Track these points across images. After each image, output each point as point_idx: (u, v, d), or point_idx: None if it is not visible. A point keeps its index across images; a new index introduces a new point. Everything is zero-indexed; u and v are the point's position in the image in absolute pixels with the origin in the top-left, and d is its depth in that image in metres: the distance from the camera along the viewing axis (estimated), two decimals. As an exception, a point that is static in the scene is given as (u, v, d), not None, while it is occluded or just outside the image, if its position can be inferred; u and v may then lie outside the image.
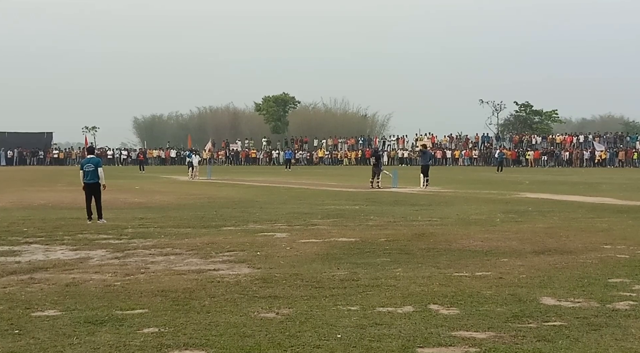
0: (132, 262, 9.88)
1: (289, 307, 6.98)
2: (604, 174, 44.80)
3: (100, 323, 6.37)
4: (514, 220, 15.14)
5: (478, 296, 7.41)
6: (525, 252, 10.51)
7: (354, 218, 15.81)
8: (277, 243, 11.68)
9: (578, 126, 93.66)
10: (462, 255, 10.30)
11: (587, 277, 8.48)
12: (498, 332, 6.03)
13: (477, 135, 72.56)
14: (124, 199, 21.96)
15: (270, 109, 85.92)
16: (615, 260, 9.75)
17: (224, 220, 15.46)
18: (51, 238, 12.50)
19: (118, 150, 78.79)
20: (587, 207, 18.67)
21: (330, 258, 10.04)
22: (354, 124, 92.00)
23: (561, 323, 6.29)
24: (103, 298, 7.40)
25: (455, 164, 66.74)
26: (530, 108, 79.74)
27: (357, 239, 12.04)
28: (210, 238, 12.33)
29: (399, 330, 6.08)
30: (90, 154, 16.74)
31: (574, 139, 66.53)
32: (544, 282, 8.19)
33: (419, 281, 8.24)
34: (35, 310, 6.93)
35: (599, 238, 12.08)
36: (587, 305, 7.03)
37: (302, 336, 5.92)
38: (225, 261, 9.89)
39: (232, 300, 7.28)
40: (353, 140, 76.97)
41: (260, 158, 74.90)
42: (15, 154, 73.51)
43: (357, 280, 8.30)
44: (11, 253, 10.89)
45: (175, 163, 70.70)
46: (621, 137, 66.17)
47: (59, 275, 8.86)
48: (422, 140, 70.95)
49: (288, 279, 8.41)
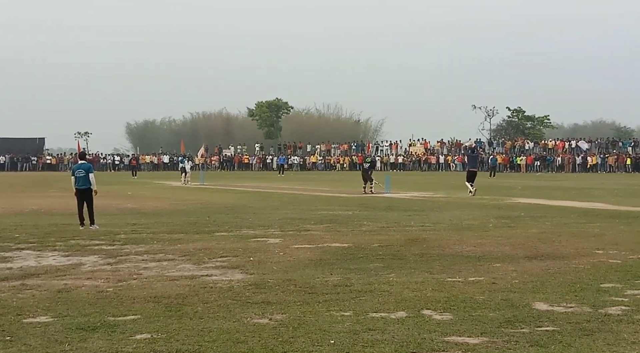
0: (124, 268, 9.84)
1: (282, 312, 6.97)
2: (596, 179, 44.98)
3: (93, 329, 6.35)
4: (506, 226, 15.17)
5: (471, 301, 7.42)
6: (517, 257, 10.52)
7: (347, 223, 15.80)
8: (270, 249, 11.67)
9: (570, 131, 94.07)
10: (455, 260, 10.31)
11: (579, 282, 8.50)
12: (491, 337, 6.04)
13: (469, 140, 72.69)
14: (117, 205, 21.91)
15: (263, 114, 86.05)
16: (607, 265, 9.77)
17: (216, 226, 15.43)
18: (43, 244, 12.44)
19: (111, 156, 78.63)
20: (579, 212, 18.73)
21: (323, 263, 10.04)
22: (347, 130, 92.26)
23: (554, 329, 6.30)
24: (95, 305, 7.37)
25: (448, 169, 66.84)
26: (522, 113, 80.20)
27: (350, 245, 12.03)
28: (203, 244, 12.31)
29: (392, 336, 6.07)
30: (81, 159, 16.70)
31: (566, 145, 66.79)
32: (536, 287, 8.20)
33: (412, 286, 8.24)
34: (27, 316, 6.90)
35: (591, 243, 12.11)
36: (580, 310, 7.04)
37: (295, 342, 5.92)
38: (218, 267, 9.86)
39: (225, 306, 7.27)
40: (346, 146, 77.08)
41: (254, 163, 74.88)
42: (7, 159, 73.24)
43: (350, 286, 8.29)
44: (3, 259, 10.83)
45: (168, 168, 70.59)
46: (613, 142, 66.46)
47: (50, 281, 8.82)
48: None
49: (281, 285, 8.39)
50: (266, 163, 73.83)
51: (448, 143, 73.17)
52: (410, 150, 74.10)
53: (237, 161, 75.33)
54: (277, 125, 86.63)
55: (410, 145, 75.17)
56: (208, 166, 70.96)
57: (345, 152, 75.71)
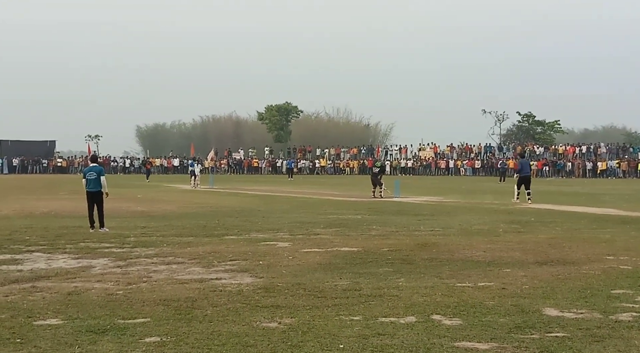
0: (134, 271, 9.87)
1: (291, 316, 6.97)
2: (607, 184, 44.78)
3: (102, 332, 6.37)
4: (516, 231, 15.12)
5: (481, 306, 7.40)
6: (528, 263, 10.49)
7: (356, 227, 15.79)
8: (280, 252, 11.67)
9: (580, 137, 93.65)
10: (465, 265, 10.28)
11: (589, 288, 8.47)
12: (501, 343, 6.02)
13: (479, 145, 72.62)
14: (127, 208, 21.98)
15: (273, 118, 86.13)
16: (618, 271, 9.72)
17: (226, 229, 15.46)
18: (53, 247, 12.50)
19: (121, 158, 78.88)
20: (590, 217, 18.64)
21: (332, 267, 10.03)
22: (356, 134, 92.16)
23: (564, 335, 6.28)
24: (105, 307, 7.40)
25: (458, 174, 66.70)
26: (532, 118, 79.92)
27: (359, 249, 12.02)
28: (213, 247, 12.33)
29: (401, 341, 6.06)
30: (93, 162, 16.83)
31: (576, 150, 66.54)
32: (546, 292, 8.17)
33: (422, 291, 8.23)
34: (37, 318, 6.93)
35: (601, 249, 12.06)
36: (590, 316, 7.01)
37: (304, 346, 5.91)
38: (228, 270, 9.88)
39: (234, 310, 7.27)
40: (355, 150, 77.07)
41: (263, 167, 74.96)
42: (18, 162, 73.57)
43: (360, 290, 8.29)
44: (13, 261, 10.89)
45: (178, 172, 70.75)
46: (624, 148, 66.16)
47: (61, 284, 8.85)
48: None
49: (290, 289, 8.39)
50: (276, 166, 73.88)
51: (458, 147, 73.02)
52: (419, 154, 73.98)
53: (247, 164, 75.42)
54: (286, 128, 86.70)
55: (420, 149, 75.04)
56: (217, 169, 71.09)
57: (355, 156, 75.69)
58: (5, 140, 78.14)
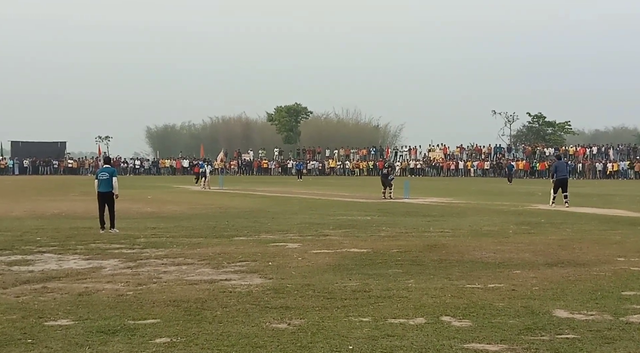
0: (144, 272, 9.91)
1: (301, 317, 6.97)
2: (618, 185, 44.55)
3: (113, 333, 6.39)
4: (526, 232, 15.07)
5: (490, 308, 7.38)
6: (538, 264, 10.45)
7: (365, 229, 15.79)
8: (289, 253, 11.68)
9: (591, 137, 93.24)
10: (475, 266, 10.26)
11: (600, 289, 8.43)
12: (511, 345, 6.00)
13: (489, 146, 72.45)
14: (137, 209, 22.06)
15: (282, 119, 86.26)
16: (629, 273, 9.68)
17: (235, 230, 15.48)
18: (64, 248, 12.56)
19: (131, 159, 79.15)
20: (600, 219, 18.57)
21: (342, 269, 10.03)
22: (366, 135, 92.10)
23: (574, 336, 6.25)
24: (115, 308, 7.43)
25: (468, 175, 66.56)
26: (543, 119, 79.70)
27: (368, 250, 12.02)
28: (222, 248, 12.35)
29: (411, 342, 6.06)
30: (106, 163, 16.96)
31: (587, 151, 66.25)
32: (557, 294, 8.14)
33: (431, 292, 8.22)
34: (48, 319, 6.97)
35: (612, 250, 12.01)
36: (601, 318, 6.98)
37: (313, 347, 5.92)
38: (237, 271, 9.90)
39: (244, 311, 7.29)
40: (365, 151, 77.03)
41: (272, 168, 75.02)
42: (29, 163, 73.94)
43: (369, 291, 8.29)
44: (24, 262, 10.95)
45: (188, 173, 70.93)
46: (635, 148, 65.82)
47: (71, 285, 8.90)
48: (433, 150, 70.57)
49: (300, 290, 8.40)
50: (285, 168, 73.95)
51: (467, 148, 72.86)
52: (429, 155, 73.89)
53: (256, 165, 75.52)
54: (296, 129, 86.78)
55: (430, 150, 74.96)
56: (227, 170, 71.20)
57: (364, 157, 75.66)
58: (16, 141, 78.64)
